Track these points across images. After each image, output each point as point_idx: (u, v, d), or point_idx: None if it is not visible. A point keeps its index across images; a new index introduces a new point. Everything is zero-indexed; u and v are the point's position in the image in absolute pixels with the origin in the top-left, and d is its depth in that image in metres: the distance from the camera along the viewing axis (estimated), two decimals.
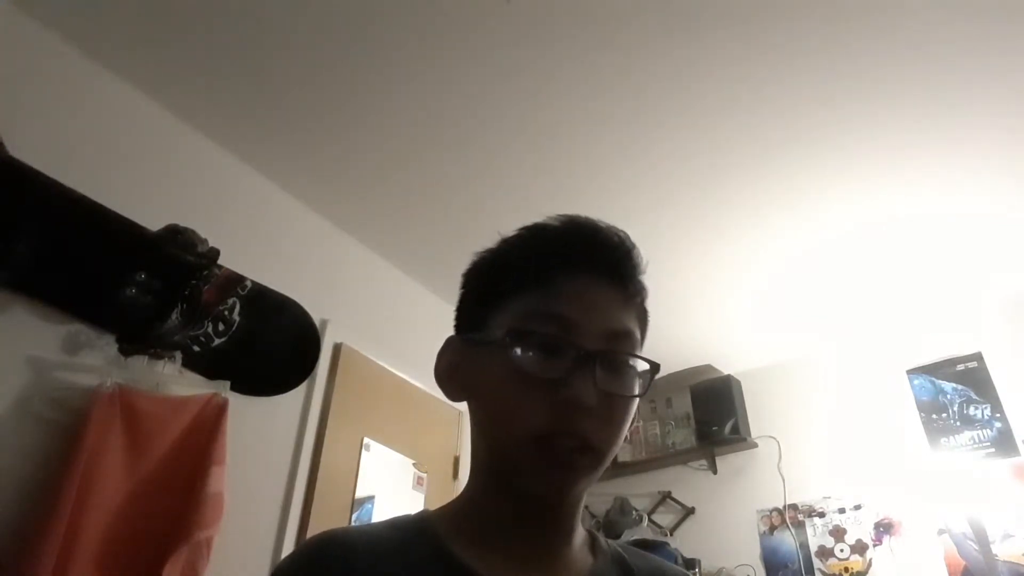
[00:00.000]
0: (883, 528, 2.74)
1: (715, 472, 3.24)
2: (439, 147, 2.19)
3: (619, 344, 0.60)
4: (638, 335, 0.63)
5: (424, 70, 1.93)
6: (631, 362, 0.61)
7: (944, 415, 2.77)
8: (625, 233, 0.66)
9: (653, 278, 0.67)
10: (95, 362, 1.67)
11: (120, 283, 1.69)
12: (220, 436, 1.75)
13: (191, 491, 1.64)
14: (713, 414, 3.19)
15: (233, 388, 1.86)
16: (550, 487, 0.58)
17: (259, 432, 2.01)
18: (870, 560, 2.73)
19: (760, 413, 3.21)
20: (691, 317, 3.02)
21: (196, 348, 1.85)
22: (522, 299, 0.60)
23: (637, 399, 0.61)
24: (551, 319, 0.58)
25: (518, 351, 0.58)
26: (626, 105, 2.03)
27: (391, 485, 2.36)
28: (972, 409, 2.72)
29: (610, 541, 0.68)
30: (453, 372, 0.65)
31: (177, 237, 1.77)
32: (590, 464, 0.58)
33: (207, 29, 1.83)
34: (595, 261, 0.62)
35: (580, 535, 0.65)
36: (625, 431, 0.61)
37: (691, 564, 2.91)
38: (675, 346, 3.21)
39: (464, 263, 0.68)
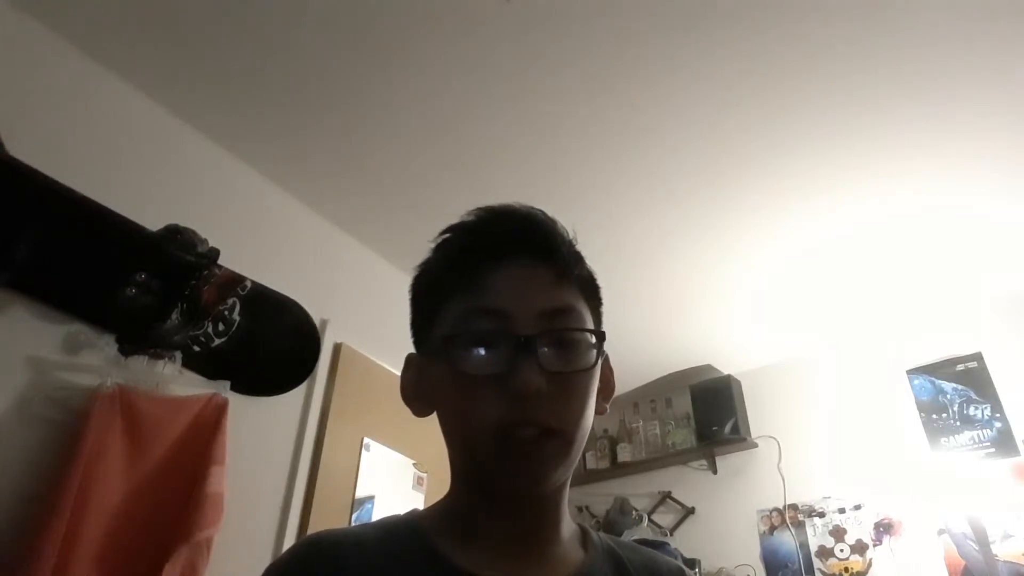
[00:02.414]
0: (883, 528, 2.74)
1: (715, 472, 3.24)
2: (440, 146, 2.19)
3: (558, 322, 0.59)
4: (581, 308, 0.62)
5: (424, 70, 1.93)
6: (579, 335, 0.60)
7: (944, 415, 2.77)
8: (542, 211, 0.65)
9: (653, 278, 0.67)
10: (95, 362, 1.67)
11: (120, 283, 1.69)
12: (220, 436, 1.75)
13: (191, 491, 1.64)
14: (713, 414, 3.19)
15: (233, 388, 1.86)
16: (521, 480, 0.57)
17: (259, 432, 2.01)
18: (870, 560, 2.73)
19: (760, 413, 3.21)
20: (691, 317, 3.02)
21: (196, 348, 1.85)
22: (454, 303, 0.60)
23: (594, 370, 0.60)
24: (482, 314, 0.58)
25: (456, 356, 0.57)
26: (627, 105, 2.03)
27: (391, 485, 2.35)
28: (972, 409, 2.72)
29: (601, 535, 0.68)
30: (415, 388, 0.65)
31: (177, 237, 1.77)
32: (557, 448, 0.57)
33: (207, 29, 1.83)
34: (516, 246, 0.62)
35: (569, 529, 0.64)
36: (589, 405, 0.60)
37: (691, 564, 2.91)
38: (675, 346, 3.22)
39: None
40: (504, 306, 0.58)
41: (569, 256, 0.63)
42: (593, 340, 0.61)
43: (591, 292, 0.65)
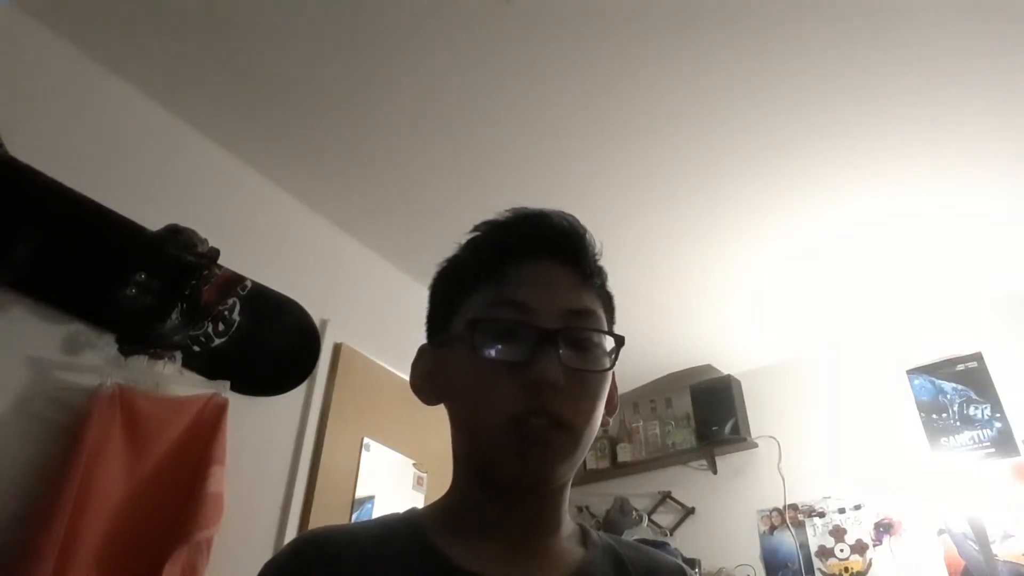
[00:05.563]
0: (883, 528, 2.74)
1: (715, 472, 3.24)
2: (440, 147, 2.19)
3: (580, 322, 0.61)
4: (601, 314, 0.64)
5: (424, 70, 1.93)
6: (597, 339, 0.61)
7: (944, 415, 2.77)
8: (574, 217, 0.66)
9: (653, 278, 0.68)
10: (95, 362, 1.67)
11: (120, 283, 1.69)
12: (220, 436, 1.75)
13: (191, 491, 1.64)
14: (713, 414, 3.19)
15: (233, 388, 1.86)
16: (528, 470, 0.58)
17: (259, 432, 2.01)
18: (870, 560, 2.73)
19: (760, 413, 3.21)
20: (691, 317, 3.02)
21: (196, 348, 1.85)
22: (480, 294, 0.62)
23: (607, 373, 0.62)
24: (508, 305, 0.60)
25: (480, 341, 0.59)
26: (627, 106, 2.03)
27: (391, 485, 2.35)
28: (972, 409, 2.72)
29: (601, 533, 0.68)
30: (426, 378, 0.66)
31: (177, 237, 1.77)
32: (566, 442, 0.58)
33: (207, 29, 1.83)
34: (546, 246, 0.63)
35: (568, 528, 0.65)
36: (600, 407, 0.61)
37: (691, 564, 2.91)
38: (675, 346, 3.22)
39: None
40: (529, 300, 0.60)
41: (595, 266, 0.65)
42: (609, 348, 0.62)
43: (609, 306, 0.67)
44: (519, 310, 0.59)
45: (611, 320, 0.67)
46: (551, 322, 0.59)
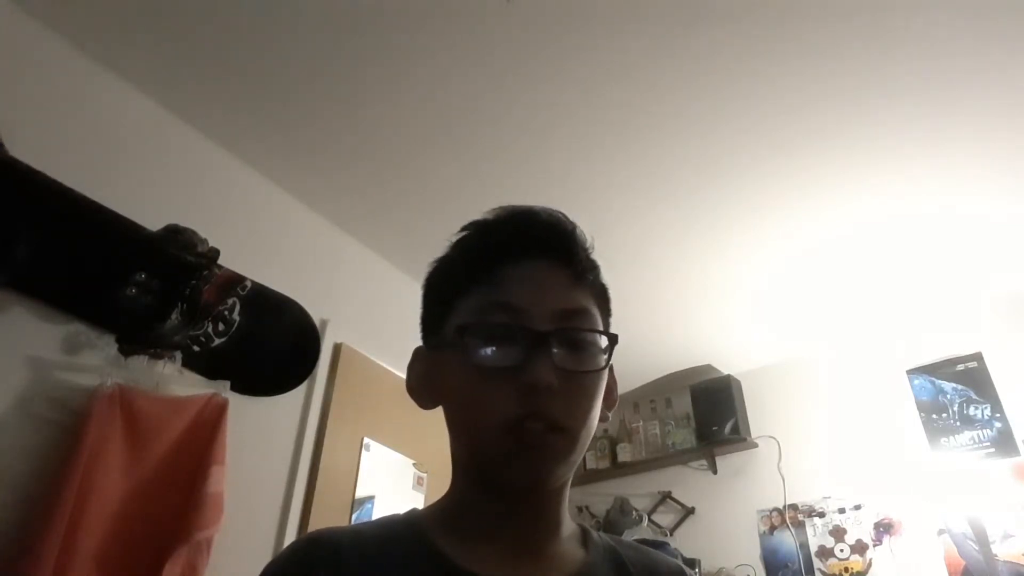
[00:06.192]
0: (883, 528, 2.74)
1: (715, 472, 3.24)
2: (439, 146, 2.19)
3: (572, 322, 0.60)
4: (594, 311, 0.63)
5: (424, 70, 1.93)
6: (591, 338, 0.61)
7: (944, 415, 2.77)
8: (563, 214, 0.66)
9: (653, 278, 0.67)
10: (95, 362, 1.67)
11: (120, 283, 1.69)
12: (220, 436, 1.75)
13: (191, 491, 1.64)
14: (713, 414, 3.19)
15: (233, 388, 1.86)
16: (526, 473, 0.57)
17: (259, 432, 2.00)
18: (870, 560, 2.73)
19: (760, 413, 3.21)
20: (691, 317, 3.02)
21: (196, 348, 1.85)
22: (471, 296, 0.61)
23: (603, 373, 0.61)
24: (499, 308, 0.59)
25: (472, 345, 0.58)
26: (626, 105, 2.03)
27: (391, 485, 2.36)
28: (972, 409, 2.72)
29: (602, 534, 0.68)
30: (422, 381, 0.66)
31: (177, 237, 1.77)
32: (563, 445, 0.58)
33: (207, 28, 1.83)
34: (535, 246, 0.63)
35: (569, 529, 0.65)
36: (596, 407, 0.61)
37: (691, 564, 2.91)
38: (675, 346, 3.22)
39: None
40: (521, 303, 0.59)
41: (586, 262, 0.65)
42: (603, 345, 0.62)
43: (603, 300, 0.66)
44: (510, 313, 0.59)
45: (606, 313, 0.66)
46: (543, 324, 0.58)
